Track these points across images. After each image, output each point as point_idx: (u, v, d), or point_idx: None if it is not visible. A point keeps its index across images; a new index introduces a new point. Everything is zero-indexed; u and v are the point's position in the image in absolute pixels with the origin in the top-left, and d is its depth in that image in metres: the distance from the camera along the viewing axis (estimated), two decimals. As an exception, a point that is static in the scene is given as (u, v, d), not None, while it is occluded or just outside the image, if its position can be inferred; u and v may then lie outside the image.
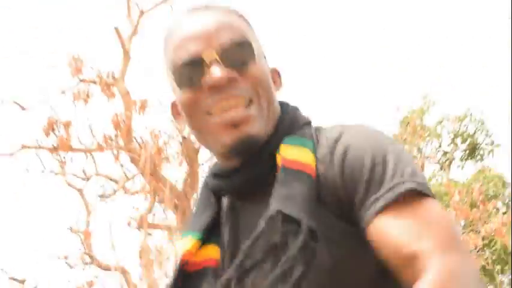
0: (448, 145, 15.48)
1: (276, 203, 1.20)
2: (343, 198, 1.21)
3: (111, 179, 10.64)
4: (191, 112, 1.32)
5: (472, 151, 15.39)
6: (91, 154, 10.31)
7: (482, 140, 15.35)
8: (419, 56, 25.51)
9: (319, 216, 1.19)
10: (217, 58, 1.28)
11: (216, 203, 1.38)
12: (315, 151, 1.27)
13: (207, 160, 9.68)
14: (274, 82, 1.37)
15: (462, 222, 10.44)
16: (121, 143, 9.18)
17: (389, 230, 1.14)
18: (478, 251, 10.09)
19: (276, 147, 1.29)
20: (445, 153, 15.53)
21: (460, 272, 1.09)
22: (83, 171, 10.81)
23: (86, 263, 11.79)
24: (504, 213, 10.91)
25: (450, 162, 15.38)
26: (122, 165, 9.53)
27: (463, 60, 25.40)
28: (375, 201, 1.17)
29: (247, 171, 1.31)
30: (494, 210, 10.46)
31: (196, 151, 9.14)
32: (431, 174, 14.13)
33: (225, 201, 1.39)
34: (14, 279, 10.07)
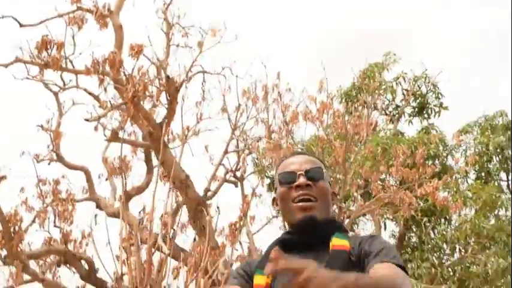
0: (401, 101, 16.49)
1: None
2: (361, 257, 2.33)
3: (90, 94, 11.42)
4: (283, 199, 2.48)
5: (421, 109, 16.43)
6: (76, 75, 11.09)
7: (432, 101, 16.40)
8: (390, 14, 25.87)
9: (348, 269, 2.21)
10: (303, 173, 2.46)
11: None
12: (349, 242, 2.39)
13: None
14: (332, 199, 2.55)
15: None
16: (108, 69, 9.89)
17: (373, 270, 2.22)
18: (409, 204, 11.23)
19: (329, 233, 2.41)
20: (397, 107, 16.58)
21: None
22: (61, 78, 11.57)
23: (53, 160, 12.64)
24: (440, 177, 11.98)
25: (400, 116, 16.46)
26: (105, 90, 10.28)
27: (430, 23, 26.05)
28: (378, 257, 2.28)
29: (311, 237, 2.43)
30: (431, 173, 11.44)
31: (177, 90, 9.95)
32: (381, 126, 15.03)
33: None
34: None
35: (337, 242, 2.37)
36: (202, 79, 11.72)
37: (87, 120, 9.60)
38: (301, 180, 2.43)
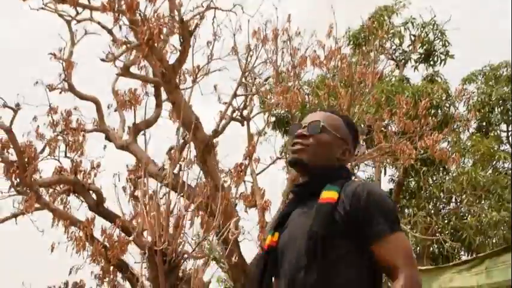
0: (408, 46, 16.62)
1: (314, 225, 2.47)
2: (351, 215, 2.47)
3: (103, 27, 11.56)
4: (288, 147, 3.12)
5: (428, 56, 16.56)
6: (91, 10, 11.22)
7: (439, 49, 16.51)
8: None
9: (332, 225, 2.45)
10: (307, 126, 2.71)
11: (292, 205, 2.72)
12: (339, 193, 2.52)
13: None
14: (342, 153, 2.72)
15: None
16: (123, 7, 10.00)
17: (384, 251, 2.42)
18: (409, 155, 11.47)
19: (323, 183, 2.58)
20: (404, 52, 16.72)
21: (414, 278, 2.43)
22: (75, 9, 11.70)
23: (65, 90, 12.86)
24: (441, 127, 12.22)
25: (406, 62, 16.62)
26: (120, 28, 10.40)
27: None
28: (380, 230, 2.43)
29: (305, 188, 2.70)
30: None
31: (191, 34, 10.08)
32: (387, 71, 15.14)
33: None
34: (7, 106, 10.79)
35: (324, 195, 2.52)
36: (213, 15, 11.73)
37: (103, 60, 9.77)
38: (299, 130, 2.70)
